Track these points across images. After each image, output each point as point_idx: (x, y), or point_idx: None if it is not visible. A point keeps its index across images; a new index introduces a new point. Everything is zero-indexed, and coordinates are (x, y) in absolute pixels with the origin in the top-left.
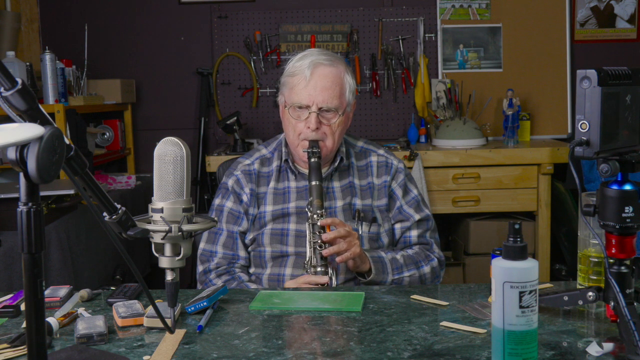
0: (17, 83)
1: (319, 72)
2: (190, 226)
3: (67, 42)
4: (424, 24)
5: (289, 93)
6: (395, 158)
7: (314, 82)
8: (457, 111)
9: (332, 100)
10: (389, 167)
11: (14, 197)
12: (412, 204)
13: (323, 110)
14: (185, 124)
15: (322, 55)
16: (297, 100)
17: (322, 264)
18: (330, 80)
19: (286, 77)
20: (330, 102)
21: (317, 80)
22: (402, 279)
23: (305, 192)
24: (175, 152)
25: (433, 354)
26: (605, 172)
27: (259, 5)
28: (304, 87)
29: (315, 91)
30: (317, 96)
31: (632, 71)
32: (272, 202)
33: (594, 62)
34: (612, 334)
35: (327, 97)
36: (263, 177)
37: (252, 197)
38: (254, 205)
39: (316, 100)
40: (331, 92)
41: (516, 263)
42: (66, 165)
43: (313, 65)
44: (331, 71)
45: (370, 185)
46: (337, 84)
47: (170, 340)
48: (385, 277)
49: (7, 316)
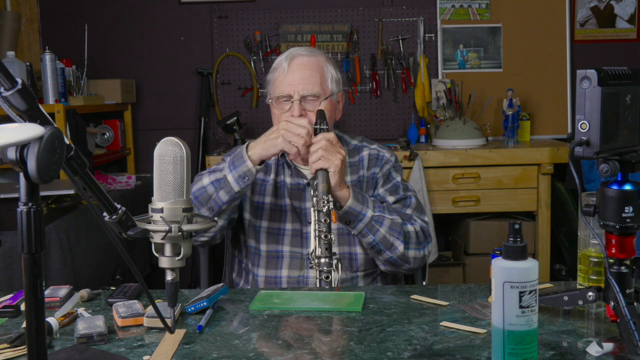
0: (17, 83)
1: (296, 62)
2: (190, 226)
3: (67, 42)
4: (424, 24)
5: (272, 88)
6: (388, 151)
7: (293, 71)
8: (457, 111)
9: (313, 87)
10: (379, 159)
11: (14, 197)
12: (390, 189)
13: (306, 98)
14: (185, 124)
15: (302, 49)
16: (279, 92)
17: (326, 255)
18: (308, 68)
19: (269, 75)
20: (312, 89)
21: (296, 68)
22: (382, 217)
23: (298, 190)
24: (175, 152)
25: (433, 354)
26: (605, 172)
27: (259, 5)
28: (283, 78)
29: (294, 79)
30: (297, 85)
31: (632, 71)
32: (272, 194)
33: (594, 62)
34: (612, 334)
35: (308, 85)
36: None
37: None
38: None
39: (297, 88)
40: (312, 80)
41: (516, 263)
42: (66, 165)
43: (291, 56)
44: (310, 60)
45: (360, 179)
46: (316, 71)
47: (170, 340)
48: (365, 210)
49: (7, 316)
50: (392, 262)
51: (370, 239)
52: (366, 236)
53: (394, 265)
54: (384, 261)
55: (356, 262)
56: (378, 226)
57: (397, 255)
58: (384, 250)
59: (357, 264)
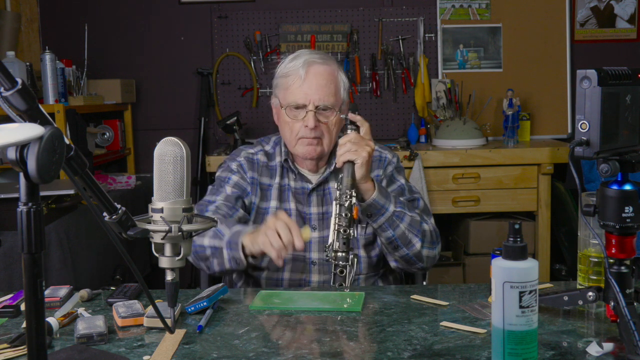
0: (17, 83)
1: (313, 71)
2: (190, 226)
3: (67, 42)
4: (424, 24)
5: (284, 94)
6: (389, 152)
7: (309, 80)
8: (457, 111)
9: (329, 97)
10: (382, 161)
11: (14, 197)
12: (396, 191)
13: (320, 109)
14: (185, 124)
15: (315, 54)
16: (293, 100)
17: (344, 250)
18: (325, 78)
19: (280, 78)
20: (327, 100)
21: (312, 78)
22: (404, 213)
23: (302, 195)
24: (175, 152)
25: (433, 354)
26: (605, 172)
27: (259, 5)
28: (299, 86)
29: (311, 89)
30: (314, 94)
31: (632, 71)
32: (277, 197)
33: (594, 62)
34: (612, 334)
35: (324, 95)
36: (266, 168)
37: (253, 186)
38: (256, 194)
39: (312, 98)
40: (327, 90)
41: (516, 263)
42: (66, 165)
43: (307, 64)
44: (325, 69)
45: None
46: (331, 81)
47: (170, 340)
48: (388, 205)
49: (7, 316)
50: (406, 260)
51: (389, 234)
52: (386, 230)
53: (408, 262)
54: (399, 257)
55: (360, 265)
56: (399, 222)
57: (413, 252)
58: (402, 247)
59: (360, 267)
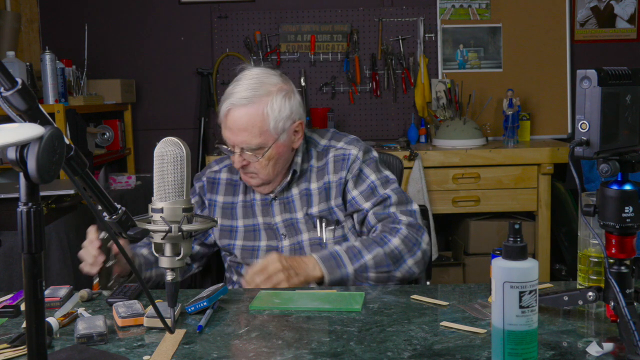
0: (17, 83)
1: (232, 116)
2: (190, 226)
3: (67, 42)
4: (424, 24)
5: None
6: (355, 147)
7: (230, 126)
8: (457, 111)
9: (251, 140)
10: (345, 160)
11: (14, 197)
12: (366, 193)
13: (245, 150)
14: (185, 124)
15: (239, 93)
16: (224, 139)
17: None
18: (244, 121)
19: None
20: (250, 142)
21: (232, 124)
22: (364, 264)
23: (267, 205)
24: (175, 152)
25: (433, 354)
26: (605, 172)
27: (259, 5)
28: (224, 130)
29: (232, 134)
30: (235, 139)
31: (632, 71)
32: (243, 215)
33: (594, 62)
34: (612, 334)
35: (245, 138)
36: (230, 185)
37: (210, 207)
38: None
39: (235, 142)
40: (248, 134)
41: (516, 263)
42: (66, 165)
43: (227, 109)
44: (247, 112)
45: (326, 186)
46: (253, 124)
47: (170, 340)
48: (345, 271)
49: (7, 316)
50: (400, 282)
51: (367, 283)
52: (362, 283)
53: (404, 281)
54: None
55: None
56: (366, 274)
57: (398, 278)
58: (385, 283)
59: None
